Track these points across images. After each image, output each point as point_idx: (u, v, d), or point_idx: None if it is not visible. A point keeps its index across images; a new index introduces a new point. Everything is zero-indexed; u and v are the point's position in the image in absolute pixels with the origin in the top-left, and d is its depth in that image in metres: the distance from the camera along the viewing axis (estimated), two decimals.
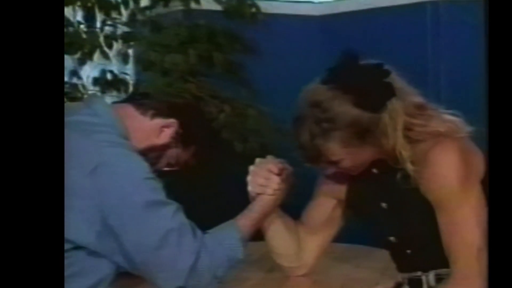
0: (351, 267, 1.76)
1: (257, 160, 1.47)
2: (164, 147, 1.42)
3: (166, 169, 1.44)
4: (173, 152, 1.44)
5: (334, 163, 1.31)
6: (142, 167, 1.30)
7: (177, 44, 2.30)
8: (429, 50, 2.60)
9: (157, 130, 1.41)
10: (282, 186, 1.45)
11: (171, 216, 1.28)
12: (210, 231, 1.36)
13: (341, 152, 1.29)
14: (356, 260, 1.80)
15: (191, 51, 2.27)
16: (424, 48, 2.60)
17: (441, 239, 1.29)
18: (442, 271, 1.33)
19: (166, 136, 1.42)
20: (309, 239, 1.53)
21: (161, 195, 1.30)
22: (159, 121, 1.41)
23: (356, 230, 1.46)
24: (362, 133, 1.27)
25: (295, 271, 1.56)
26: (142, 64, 2.37)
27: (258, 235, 1.46)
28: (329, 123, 1.27)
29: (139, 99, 1.45)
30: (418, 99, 1.32)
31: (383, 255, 1.49)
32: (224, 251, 1.33)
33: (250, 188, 1.45)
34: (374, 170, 1.37)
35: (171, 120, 1.42)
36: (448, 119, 1.33)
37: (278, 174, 1.44)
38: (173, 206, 1.30)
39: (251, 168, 1.46)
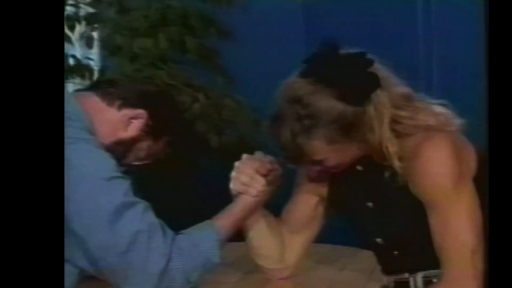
0: (336, 270, 1.78)
1: (244, 156, 1.44)
2: (133, 141, 1.42)
3: (135, 163, 1.44)
4: (143, 145, 1.43)
5: (318, 162, 1.31)
6: (108, 165, 1.30)
7: (146, 27, 2.29)
8: (420, 36, 2.62)
9: (124, 122, 1.40)
10: (268, 188, 1.42)
11: (139, 216, 1.28)
12: (185, 231, 1.36)
13: (325, 150, 1.29)
14: (341, 262, 1.82)
15: (161, 35, 2.26)
16: (415, 35, 2.61)
17: (429, 239, 1.31)
18: (430, 272, 1.35)
19: (134, 128, 1.41)
20: (290, 239, 1.53)
21: (128, 196, 1.29)
22: (127, 112, 1.40)
23: (341, 230, 1.47)
24: (346, 129, 1.27)
25: (277, 274, 1.56)
26: (108, 49, 2.36)
27: (235, 235, 1.46)
28: (311, 120, 1.26)
29: (104, 87, 1.44)
30: (404, 89, 1.33)
31: (369, 256, 1.51)
32: (199, 253, 1.32)
33: (232, 185, 1.43)
34: (358, 167, 1.38)
35: (140, 111, 1.41)
36: (437, 112, 1.33)
37: (265, 175, 1.42)
38: (141, 206, 1.30)
39: (236, 164, 1.43)
